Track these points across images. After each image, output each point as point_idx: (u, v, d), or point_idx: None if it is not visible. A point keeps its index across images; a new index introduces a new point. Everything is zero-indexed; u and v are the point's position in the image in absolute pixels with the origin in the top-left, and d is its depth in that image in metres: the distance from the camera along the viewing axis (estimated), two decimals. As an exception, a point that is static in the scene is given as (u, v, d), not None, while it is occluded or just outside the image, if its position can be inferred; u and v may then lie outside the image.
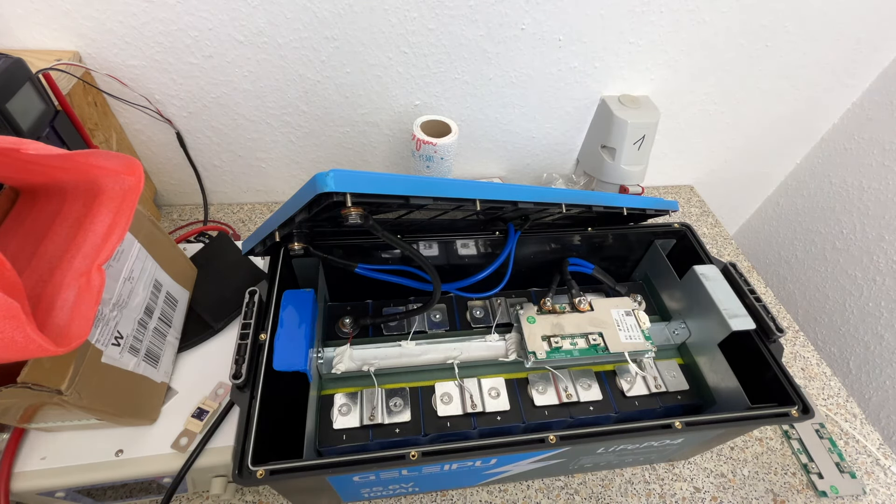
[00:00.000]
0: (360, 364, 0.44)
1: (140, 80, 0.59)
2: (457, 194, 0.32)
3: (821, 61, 0.75)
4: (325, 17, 0.56)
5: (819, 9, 0.67)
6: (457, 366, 0.45)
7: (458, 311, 0.49)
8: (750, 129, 0.86)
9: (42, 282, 0.30)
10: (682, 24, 0.65)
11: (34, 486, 0.38)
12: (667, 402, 0.45)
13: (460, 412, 0.42)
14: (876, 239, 0.83)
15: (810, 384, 0.64)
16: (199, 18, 0.54)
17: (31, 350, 0.24)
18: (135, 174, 0.33)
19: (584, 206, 0.41)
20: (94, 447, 0.40)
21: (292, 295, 0.41)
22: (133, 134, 0.65)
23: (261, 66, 0.60)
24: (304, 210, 0.29)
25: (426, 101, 0.68)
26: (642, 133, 0.71)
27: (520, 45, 0.63)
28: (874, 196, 0.82)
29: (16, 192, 0.36)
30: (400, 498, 0.49)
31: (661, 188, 0.95)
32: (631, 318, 0.47)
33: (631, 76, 0.71)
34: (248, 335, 0.38)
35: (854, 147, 0.85)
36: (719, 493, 0.52)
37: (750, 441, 0.57)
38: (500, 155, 0.80)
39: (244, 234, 0.73)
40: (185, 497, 0.46)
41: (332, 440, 0.40)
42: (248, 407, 0.35)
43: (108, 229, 0.32)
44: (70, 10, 0.52)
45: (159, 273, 0.43)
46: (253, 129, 0.67)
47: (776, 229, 1.04)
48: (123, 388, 0.37)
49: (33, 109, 0.45)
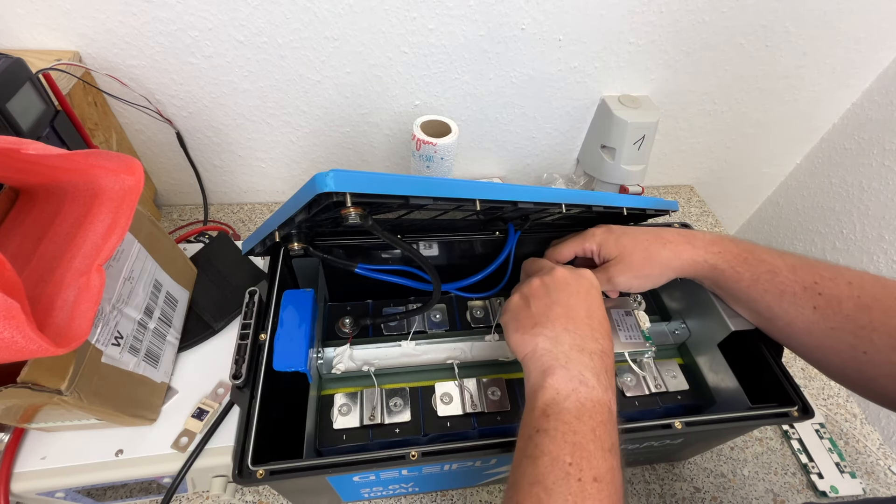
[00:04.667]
0: (360, 364, 0.44)
1: (140, 80, 0.59)
2: (457, 194, 0.32)
3: (821, 61, 0.75)
4: (325, 17, 0.56)
5: (819, 9, 0.67)
6: (457, 366, 0.45)
7: (458, 311, 0.49)
8: (750, 129, 0.86)
9: (42, 282, 0.30)
10: (682, 24, 0.65)
11: (34, 486, 0.38)
12: (667, 402, 0.45)
13: (460, 412, 0.42)
14: (876, 239, 0.83)
15: (810, 384, 0.64)
16: (199, 18, 0.54)
17: (31, 350, 0.24)
18: (135, 174, 0.33)
19: (584, 206, 0.41)
20: (94, 447, 0.40)
21: (292, 295, 0.41)
22: (133, 134, 0.65)
23: (261, 66, 0.60)
24: (304, 210, 0.29)
25: (426, 101, 0.68)
26: (642, 133, 0.71)
27: (520, 45, 0.63)
28: (874, 196, 0.82)
29: (16, 192, 0.36)
30: (400, 498, 0.49)
31: (661, 188, 0.95)
32: (631, 318, 0.47)
33: (631, 76, 0.71)
34: (248, 335, 0.38)
35: (854, 147, 0.85)
36: (719, 493, 0.52)
37: (750, 441, 0.57)
38: (500, 155, 0.80)
39: (244, 234, 0.73)
40: (185, 497, 0.46)
41: (332, 440, 0.40)
42: (248, 407, 0.35)
43: (108, 229, 0.32)
44: (70, 10, 0.52)
45: (159, 273, 0.43)
46: (253, 129, 0.67)
47: (776, 229, 1.04)
48: (123, 388, 0.37)
49: (33, 109, 0.45)
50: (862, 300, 0.34)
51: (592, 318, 0.35)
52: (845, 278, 0.36)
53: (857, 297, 0.35)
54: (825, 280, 0.36)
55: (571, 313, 0.35)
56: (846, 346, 0.35)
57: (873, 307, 0.34)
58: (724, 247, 0.40)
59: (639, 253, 0.41)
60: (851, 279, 0.36)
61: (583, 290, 0.37)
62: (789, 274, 0.37)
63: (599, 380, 0.32)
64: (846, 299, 0.35)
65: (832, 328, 0.35)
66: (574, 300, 0.36)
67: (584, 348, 0.33)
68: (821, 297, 0.36)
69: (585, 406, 0.30)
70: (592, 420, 0.30)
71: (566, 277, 0.38)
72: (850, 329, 0.34)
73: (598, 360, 0.33)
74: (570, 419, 0.30)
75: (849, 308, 0.35)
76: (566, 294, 0.36)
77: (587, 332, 0.34)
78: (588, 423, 0.30)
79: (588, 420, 0.30)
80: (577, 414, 0.30)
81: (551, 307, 0.36)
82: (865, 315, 0.34)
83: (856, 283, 0.35)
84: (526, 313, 0.36)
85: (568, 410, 0.30)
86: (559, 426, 0.30)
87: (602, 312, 0.37)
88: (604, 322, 0.36)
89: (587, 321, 0.35)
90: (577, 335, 0.34)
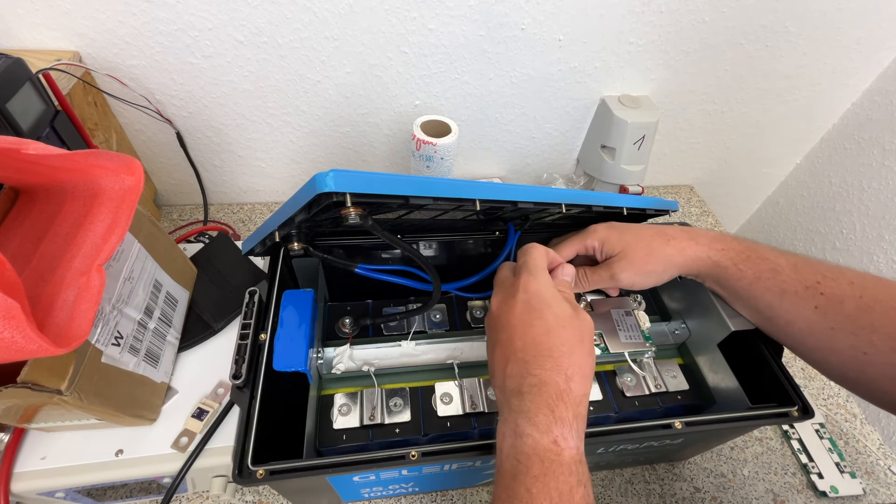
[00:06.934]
0: (360, 364, 0.44)
1: (140, 80, 0.59)
2: (457, 194, 0.32)
3: (821, 61, 0.75)
4: (325, 17, 0.56)
5: (819, 9, 0.67)
6: (457, 366, 0.45)
7: (458, 311, 0.49)
8: (750, 129, 0.86)
9: (42, 282, 0.30)
10: (682, 24, 0.65)
11: (34, 486, 0.38)
12: (667, 402, 0.45)
13: (460, 412, 0.42)
14: (876, 239, 0.83)
15: (810, 384, 0.64)
16: (199, 18, 0.54)
17: (31, 350, 0.24)
18: (135, 174, 0.33)
19: (584, 206, 0.41)
20: (94, 447, 0.40)
21: (292, 295, 0.41)
22: (133, 134, 0.65)
23: (261, 66, 0.60)
24: (304, 210, 0.29)
25: (426, 101, 0.68)
26: (642, 133, 0.71)
27: (520, 45, 0.63)
28: (874, 196, 0.82)
29: (16, 192, 0.36)
30: (400, 498, 0.49)
31: (661, 188, 0.95)
32: (631, 318, 0.47)
33: (631, 76, 0.71)
34: (248, 335, 0.38)
35: (854, 147, 0.85)
36: (719, 493, 0.52)
37: (750, 441, 0.57)
38: (500, 155, 0.80)
39: (244, 234, 0.73)
40: (185, 497, 0.46)
41: (332, 440, 0.40)
42: (248, 407, 0.35)
43: (108, 229, 0.32)
44: (70, 10, 0.51)
45: (159, 273, 0.43)
46: (253, 129, 0.67)
47: (776, 229, 1.04)
48: (123, 388, 0.37)
49: (33, 109, 0.45)
50: (864, 301, 0.34)
51: (527, 346, 0.30)
52: (847, 278, 0.36)
53: (858, 297, 0.34)
54: (827, 279, 0.36)
55: (508, 353, 0.31)
56: (846, 346, 0.35)
57: (875, 308, 0.34)
58: (727, 244, 0.40)
59: (642, 249, 0.41)
60: (853, 279, 0.35)
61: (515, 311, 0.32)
62: (791, 273, 0.37)
63: (534, 422, 0.28)
64: (848, 299, 0.35)
65: (832, 328, 0.35)
66: (505, 334, 0.31)
67: (519, 390, 0.29)
68: (822, 296, 0.35)
69: (520, 462, 0.27)
70: (526, 478, 0.27)
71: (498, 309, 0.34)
72: (850, 329, 0.34)
73: (534, 397, 0.28)
74: (508, 482, 0.27)
75: (850, 308, 0.34)
76: (497, 331, 0.32)
77: (521, 369, 0.30)
78: (522, 482, 0.27)
79: (522, 479, 0.27)
80: (512, 474, 0.27)
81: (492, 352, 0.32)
82: (867, 316, 0.34)
83: (858, 283, 0.35)
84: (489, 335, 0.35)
85: (506, 473, 0.28)
86: (500, 493, 0.28)
87: (538, 327, 0.31)
88: (541, 341, 0.30)
89: (521, 353, 0.30)
90: (514, 375, 0.30)
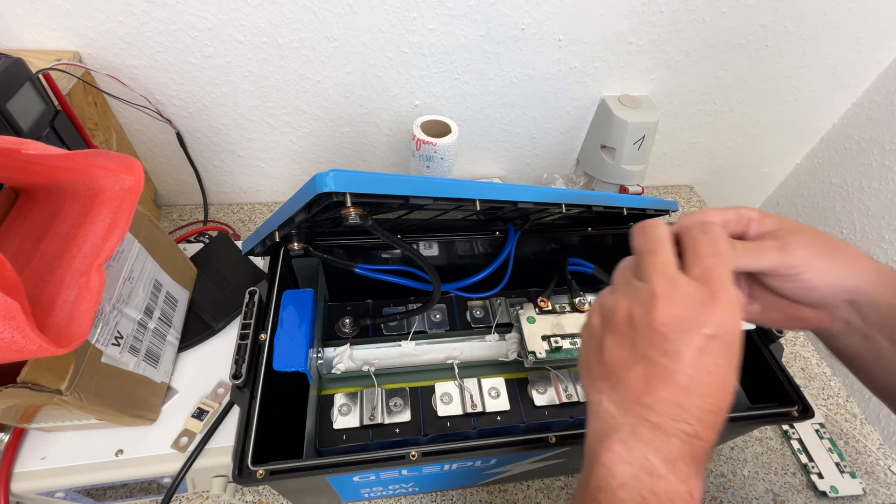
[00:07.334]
0: (360, 364, 0.44)
1: (140, 80, 0.59)
2: (457, 194, 0.32)
3: (821, 61, 0.75)
4: (325, 17, 0.56)
5: (819, 9, 0.67)
6: (457, 366, 0.45)
7: (458, 311, 0.49)
8: (750, 129, 0.86)
9: (42, 282, 0.30)
10: (682, 24, 0.65)
11: (34, 486, 0.38)
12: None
13: (460, 412, 0.42)
14: (876, 239, 0.83)
15: (810, 384, 0.64)
16: (199, 18, 0.54)
17: (31, 350, 0.24)
18: (135, 174, 0.33)
19: (584, 206, 0.41)
20: (94, 447, 0.40)
21: (292, 295, 0.41)
22: (133, 134, 0.65)
23: (261, 66, 0.60)
24: (304, 210, 0.29)
25: (426, 101, 0.68)
26: (642, 133, 0.71)
27: (520, 45, 0.63)
28: (874, 196, 0.82)
29: (16, 192, 0.36)
30: (400, 498, 0.49)
31: (661, 188, 0.95)
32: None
33: (631, 76, 0.71)
34: (248, 335, 0.38)
35: (854, 147, 0.85)
36: (719, 493, 0.52)
37: (750, 441, 0.57)
38: (500, 155, 0.80)
39: (244, 234, 0.73)
40: (185, 497, 0.46)
41: (332, 440, 0.40)
42: (248, 407, 0.35)
43: (108, 229, 0.32)
44: (70, 10, 0.51)
45: (159, 273, 0.43)
46: (253, 129, 0.67)
47: (776, 229, 1.04)
48: (123, 388, 0.37)
49: (33, 109, 0.45)
50: None
51: (690, 391, 0.24)
52: None
53: None
54: None
55: (657, 381, 0.24)
56: None
57: None
58: None
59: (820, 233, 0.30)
60: None
61: (694, 345, 0.24)
62: None
63: (674, 468, 0.23)
64: None
65: None
66: (671, 363, 0.24)
67: (663, 427, 0.24)
68: None
69: (647, 500, 0.23)
70: None
71: (671, 324, 0.24)
72: None
73: (680, 445, 0.24)
74: None
75: None
76: (659, 352, 0.24)
77: (674, 410, 0.24)
78: None
79: None
80: None
81: (630, 365, 0.25)
82: None
83: None
84: (595, 356, 0.27)
85: (626, 502, 0.23)
86: None
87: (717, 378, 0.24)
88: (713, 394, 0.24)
89: (681, 395, 0.24)
90: (659, 410, 0.24)
